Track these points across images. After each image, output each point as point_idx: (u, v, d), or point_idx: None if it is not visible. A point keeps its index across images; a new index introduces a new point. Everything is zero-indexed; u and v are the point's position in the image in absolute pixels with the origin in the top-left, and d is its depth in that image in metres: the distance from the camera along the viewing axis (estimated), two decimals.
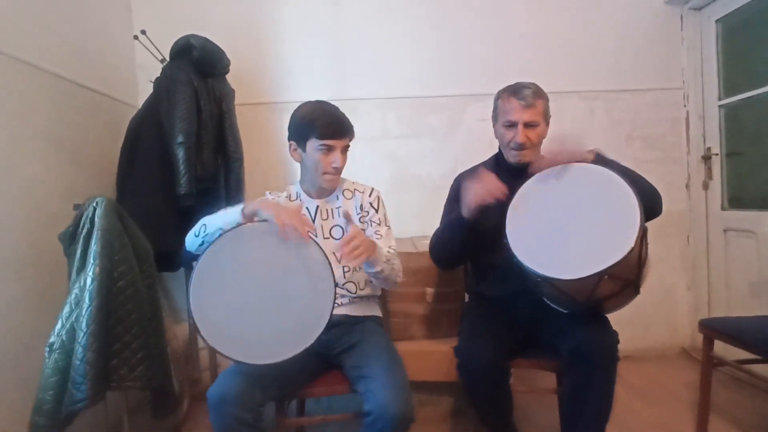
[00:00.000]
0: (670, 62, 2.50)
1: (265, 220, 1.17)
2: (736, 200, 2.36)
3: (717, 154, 2.40)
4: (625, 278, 1.21)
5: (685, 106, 2.51)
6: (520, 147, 1.46)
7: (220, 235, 1.16)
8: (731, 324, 1.63)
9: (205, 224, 1.25)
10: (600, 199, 1.21)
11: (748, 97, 2.21)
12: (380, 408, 1.12)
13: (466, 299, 1.86)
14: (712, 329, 1.63)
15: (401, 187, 2.48)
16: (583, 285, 1.17)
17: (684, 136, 2.52)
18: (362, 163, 2.47)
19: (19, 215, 1.57)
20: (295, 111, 1.43)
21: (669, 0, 2.44)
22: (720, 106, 2.38)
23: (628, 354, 2.52)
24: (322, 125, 1.35)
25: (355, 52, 2.47)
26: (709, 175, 2.44)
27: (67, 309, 1.44)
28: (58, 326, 1.42)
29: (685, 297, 2.56)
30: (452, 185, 1.70)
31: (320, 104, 1.42)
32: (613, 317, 2.53)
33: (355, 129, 2.50)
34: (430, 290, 2.00)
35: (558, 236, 1.24)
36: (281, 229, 1.13)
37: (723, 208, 2.38)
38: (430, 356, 1.82)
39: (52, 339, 1.41)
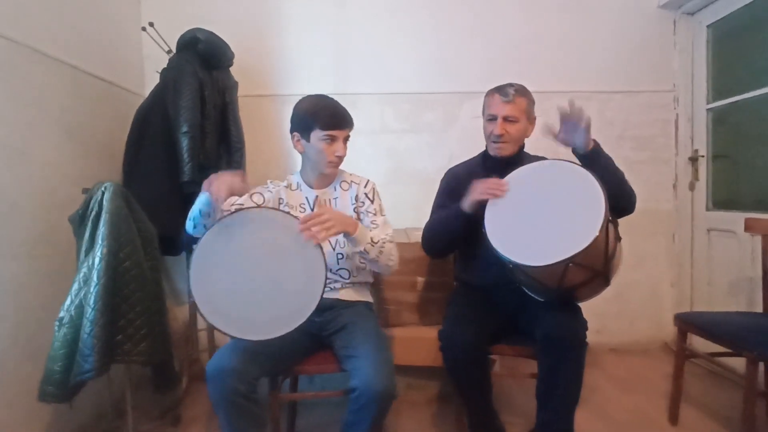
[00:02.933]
0: (662, 65, 2.57)
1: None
2: (719, 201, 2.43)
3: (703, 156, 2.47)
4: (593, 268, 1.29)
5: (675, 108, 2.58)
6: (498, 139, 1.56)
7: (219, 220, 1.24)
8: (704, 318, 1.71)
9: (192, 210, 1.35)
10: (571, 193, 1.31)
11: (735, 102, 2.28)
12: (365, 384, 1.21)
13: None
14: (686, 323, 1.72)
15: (398, 180, 2.57)
16: (552, 272, 1.26)
17: (673, 138, 2.59)
18: (362, 156, 2.55)
19: (33, 198, 1.65)
20: (298, 104, 1.50)
21: (663, 4, 2.50)
22: (708, 110, 2.45)
23: (614, 347, 2.62)
24: (325, 117, 1.44)
25: (357, 48, 2.54)
26: (695, 176, 2.51)
27: (76, 286, 1.53)
28: (68, 302, 1.52)
29: (669, 293, 2.64)
30: (443, 179, 1.79)
31: (322, 98, 1.51)
32: (600, 311, 2.64)
33: (355, 123, 2.59)
34: (420, 279, 2.09)
35: (531, 226, 1.33)
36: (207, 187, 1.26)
37: (707, 209, 2.46)
38: (420, 342, 1.91)
39: (61, 314, 1.51)
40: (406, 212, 2.48)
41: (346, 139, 1.50)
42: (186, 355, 2.28)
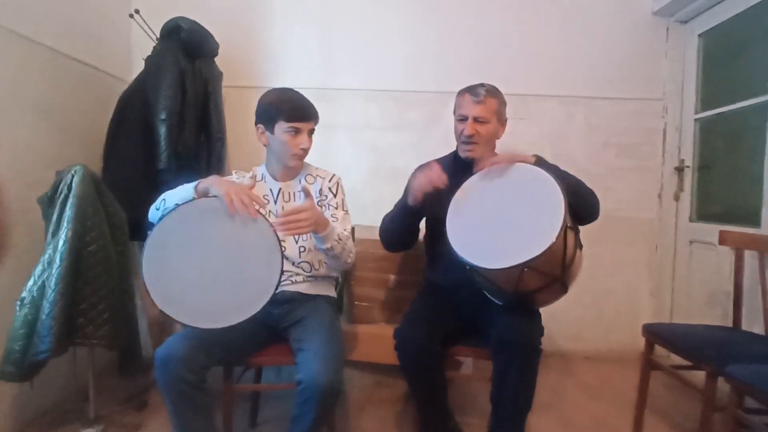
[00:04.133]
0: (652, 73, 2.54)
1: (215, 197, 1.26)
2: (702, 213, 2.41)
3: (689, 167, 2.44)
4: (550, 273, 1.28)
5: (663, 117, 2.55)
6: (469, 140, 1.54)
7: (175, 207, 1.24)
8: (669, 330, 1.70)
9: (164, 199, 1.35)
10: (533, 198, 1.30)
11: (722, 113, 2.25)
12: (309, 378, 1.21)
13: None
14: (652, 333, 1.70)
15: (380, 177, 2.55)
16: (507, 275, 1.25)
17: (660, 147, 2.56)
18: (344, 152, 2.55)
19: (3, 177, 1.66)
20: (262, 97, 1.51)
21: (656, 11, 2.47)
22: (696, 120, 2.42)
23: (589, 355, 2.61)
24: (290, 109, 1.44)
25: (343, 43, 2.53)
26: (680, 186, 2.49)
27: (39, 268, 1.55)
28: (30, 283, 1.53)
29: (649, 303, 2.61)
30: (412, 174, 1.78)
31: (287, 90, 1.51)
32: (576, 318, 2.62)
33: (339, 119, 2.57)
34: (392, 277, 2.08)
35: (491, 229, 1.32)
36: (228, 204, 1.21)
37: (691, 220, 2.44)
38: (389, 340, 1.86)
39: (23, 294, 1.52)
40: (385, 210, 2.45)
41: (311, 131, 1.50)
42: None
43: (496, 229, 1.31)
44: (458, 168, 1.62)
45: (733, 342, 1.50)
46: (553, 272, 1.28)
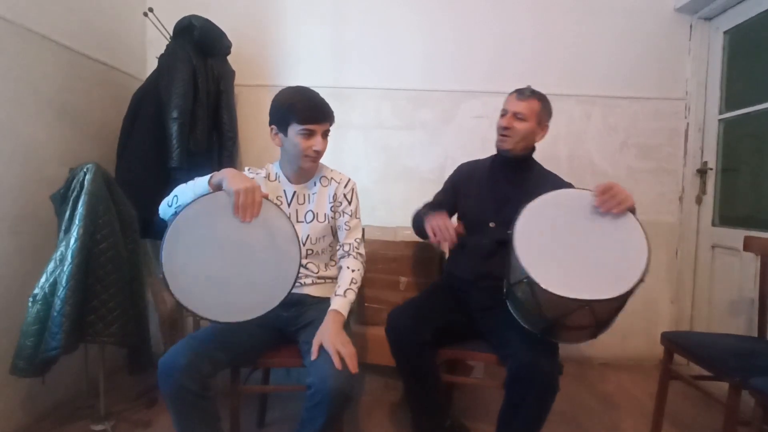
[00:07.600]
0: (674, 72, 2.46)
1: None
2: (725, 217, 2.32)
3: (712, 169, 2.36)
4: (599, 318, 1.22)
5: (686, 117, 2.46)
6: (504, 131, 1.58)
7: (196, 199, 1.22)
8: (690, 339, 1.63)
9: (176, 195, 1.32)
10: (618, 242, 1.23)
11: (747, 113, 2.17)
12: (320, 382, 1.18)
13: None
14: (671, 342, 1.64)
15: (391, 177, 2.52)
16: (562, 305, 1.17)
17: (682, 148, 2.48)
18: (355, 151, 2.53)
19: (17, 174, 1.68)
20: (276, 96, 1.45)
21: (679, 7, 2.39)
22: (720, 120, 2.34)
23: (605, 361, 2.54)
24: (303, 110, 1.38)
25: (357, 41, 2.50)
26: (703, 189, 2.40)
27: (52, 265, 1.56)
28: (43, 280, 1.54)
29: (668, 310, 2.54)
30: (454, 171, 1.82)
31: (301, 90, 1.45)
32: None
33: (350, 117, 2.52)
34: (404, 279, 2.05)
35: (562, 252, 1.25)
36: (235, 203, 1.20)
37: (713, 224, 2.35)
38: None
39: (36, 291, 1.53)
40: (396, 210, 2.45)
41: (326, 133, 1.45)
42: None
43: (568, 256, 1.24)
44: (496, 168, 1.68)
45: (759, 353, 1.44)
46: (602, 317, 1.22)
